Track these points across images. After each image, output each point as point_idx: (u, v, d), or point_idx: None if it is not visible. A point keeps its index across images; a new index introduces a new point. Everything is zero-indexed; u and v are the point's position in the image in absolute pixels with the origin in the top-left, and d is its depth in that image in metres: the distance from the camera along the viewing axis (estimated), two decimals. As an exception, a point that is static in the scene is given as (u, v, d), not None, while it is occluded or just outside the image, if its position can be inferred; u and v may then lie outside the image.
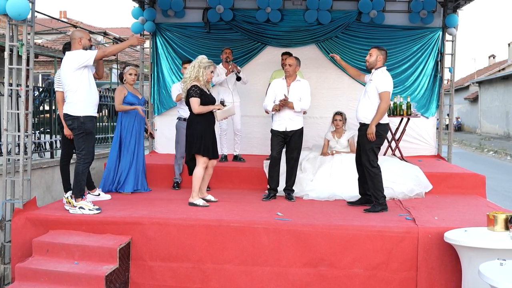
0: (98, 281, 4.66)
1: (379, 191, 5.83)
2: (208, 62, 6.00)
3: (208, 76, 6.00)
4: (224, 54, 8.07)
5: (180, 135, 7.03)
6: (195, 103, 5.90)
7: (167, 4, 9.12)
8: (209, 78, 6.05)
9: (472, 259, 4.37)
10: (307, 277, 5.03)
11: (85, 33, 5.63)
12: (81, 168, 5.49)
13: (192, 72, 5.95)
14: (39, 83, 21.32)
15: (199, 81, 5.93)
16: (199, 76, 5.92)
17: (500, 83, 31.01)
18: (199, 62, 5.98)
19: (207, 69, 5.96)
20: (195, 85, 5.91)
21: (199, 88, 5.91)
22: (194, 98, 5.89)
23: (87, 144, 5.49)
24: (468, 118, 38.46)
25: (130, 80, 6.86)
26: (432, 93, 9.37)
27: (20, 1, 5.31)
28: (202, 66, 5.94)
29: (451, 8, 9.10)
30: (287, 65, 6.51)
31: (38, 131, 7.69)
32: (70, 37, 5.70)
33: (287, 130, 6.38)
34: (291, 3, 9.17)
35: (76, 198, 5.47)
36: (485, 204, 6.31)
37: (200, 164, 5.99)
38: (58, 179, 6.62)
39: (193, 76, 5.94)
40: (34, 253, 5.06)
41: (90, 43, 5.57)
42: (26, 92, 5.67)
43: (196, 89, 5.89)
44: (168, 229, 5.19)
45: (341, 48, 9.26)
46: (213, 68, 6.05)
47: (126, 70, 6.95)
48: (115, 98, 6.88)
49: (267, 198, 6.43)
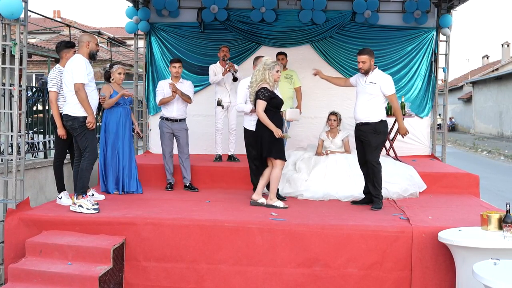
0: (91, 281, 4.64)
1: (380, 187, 6.02)
2: (272, 62, 5.92)
3: (275, 76, 5.88)
4: (222, 52, 8.05)
5: (163, 133, 7.05)
6: (260, 105, 5.80)
7: (161, 4, 9.10)
8: (276, 78, 5.92)
9: (466, 258, 4.38)
10: (301, 277, 5.03)
11: (93, 38, 5.70)
12: (85, 165, 5.51)
13: (257, 75, 5.89)
14: (33, 83, 21.24)
15: (267, 83, 5.86)
16: (266, 79, 5.85)
17: (494, 83, 31.17)
18: (263, 64, 5.89)
19: (273, 69, 5.86)
20: (265, 87, 5.83)
21: (269, 91, 5.82)
22: (260, 100, 5.80)
23: (90, 142, 5.55)
24: (462, 118, 38.62)
25: (119, 80, 6.75)
26: (426, 93, 9.40)
27: (13, 1, 5.27)
28: (267, 68, 5.85)
29: (445, 8, 9.13)
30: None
31: (32, 131, 7.65)
32: (78, 39, 5.78)
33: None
34: (286, 3, 9.17)
35: (77, 196, 5.47)
36: (479, 204, 6.33)
37: (278, 166, 5.91)
38: (52, 180, 6.58)
39: (259, 80, 5.87)
40: (27, 253, 5.03)
41: (97, 48, 5.66)
42: (19, 92, 5.64)
43: (264, 91, 5.81)
44: (162, 230, 5.18)
45: (335, 48, 9.28)
46: (278, 68, 5.91)
47: (114, 69, 6.81)
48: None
49: None
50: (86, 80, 5.43)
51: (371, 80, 6.01)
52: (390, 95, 6.03)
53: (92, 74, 5.60)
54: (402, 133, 6.18)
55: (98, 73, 22.19)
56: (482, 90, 33.36)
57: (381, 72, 6.12)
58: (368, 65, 5.97)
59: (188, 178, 7.09)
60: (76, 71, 5.43)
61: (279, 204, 5.92)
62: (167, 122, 7.04)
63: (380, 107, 6.06)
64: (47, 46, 18.53)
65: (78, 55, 5.56)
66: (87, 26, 26.53)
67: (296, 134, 8.88)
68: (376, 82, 5.98)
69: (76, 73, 5.43)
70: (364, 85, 6.06)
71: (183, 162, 7.07)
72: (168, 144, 7.08)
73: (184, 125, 7.13)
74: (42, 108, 8.08)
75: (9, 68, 5.61)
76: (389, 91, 6.01)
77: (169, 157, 7.08)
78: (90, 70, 5.57)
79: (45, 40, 22.66)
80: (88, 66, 5.53)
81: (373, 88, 5.99)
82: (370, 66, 5.99)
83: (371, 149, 6.01)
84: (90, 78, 5.54)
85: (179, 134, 7.05)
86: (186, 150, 7.07)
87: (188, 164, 7.09)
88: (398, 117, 6.25)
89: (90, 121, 5.47)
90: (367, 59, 5.95)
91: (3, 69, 5.60)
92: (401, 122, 6.22)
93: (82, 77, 5.41)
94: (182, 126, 7.10)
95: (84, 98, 5.42)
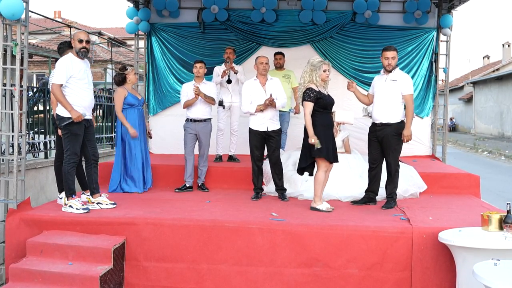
0: (92, 281, 4.65)
1: (396, 187, 6.08)
2: (319, 62, 5.85)
3: (322, 76, 5.81)
4: (225, 54, 8.02)
5: (186, 135, 7.03)
6: (306, 107, 5.76)
7: (161, 4, 9.11)
8: (324, 77, 5.84)
9: (466, 259, 4.38)
10: (301, 278, 5.03)
11: (76, 35, 5.54)
12: (67, 168, 5.53)
13: (305, 77, 5.85)
14: (33, 83, 21.25)
15: (314, 84, 5.81)
16: (313, 79, 5.80)
17: (495, 83, 31.15)
18: (310, 65, 5.85)
19: (319, 69, 5.80)
20: (311, 88, 5.78)
21: (315, 91, 5.77)
22: (306, 101, 5.76)
23: (72, 145, 5.50)
24: (462, 119, 38.59)
25: (135, 80, 6.80)
26: (426, 93, 9.40)
27: (14, 1, 5.29)
28: (314, 68, 5.81)
29: (445, 8, 9.13)
30: (264, 63, 6.52)
31: (32, 131, 7.67)
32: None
33: (268, 130, 6.41)
34: (286, 4, 9.17)
35: (67, 197, 5.52)
36: (479, 204, 6.33)
37: (322, 168, 5.82)
38: (52, 180, 6.60)
39: (306, 81, 5.83)
40: (28, 253, 5.04)
41: (80, 45, 5.46)
42: (20, 92, 5.65)
43: (309, 92, 5.75)
44: (162, 230, 5.18)
45: (336, 49, 9.29)
46: (325, 67, 5.85)
47: (130, 70, 6.84)
48: (116, 101, 6.79)
49: (256, 198, 6.47)
50: (62, 81, 5.38)
51: (392, 78, 5.95)
52: (408, 95, 5.93)
53: (82, 73, 5.49)
54: (406, 135, 5.94)
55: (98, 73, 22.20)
56: (483, 90, 33.33)
57: (402, 72, 6.12)
58: (396, 61, 5.94)
59: (202, 178, 7.11)
60: (56, 71, 5.46)
61: (323, 207, 5.81)
62: (191, 124, 7.01)
63: (400, 107, 6.00)
64: (48, 46, 18.53)
65: (67, 55, 5.54)
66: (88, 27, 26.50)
67: (297, 134, 8.85)
68: (397, 80, 5.94)
69: (55, 73, 5.46)
70: (384, 83, 6.00)
71: (202, 163, 7.07)
72: (191, 146, 7.03)
73: (208, 126, 7.09)
74: (43, 108, 8.10)
75: (10, 68, 5.62)
76: (408, 90, 5.94)
77: (190, 158, 7.04)
78: (80, 68, 5.48)
79: (45, 40, 22.66)
80: (74, 65, 5.44)
81: (393, 87, 5.92)
82: (396, 63, 5.95)
83: (392, 151, 5.97)
84: (80, 76, 5.47)
85: (202, 136, 7.01)
86: (206, 152, 7.06)
87: (206, 166, 7.12)
88: (409, 119, 5.98)
89: (74, 116, 5.38)
90: (395, 54, 5.94)
91: (4, 69, 5.61)
92: (409, 125, 5.97)
93: (58, 78, 5.39)
94: (207, 126, 7.06)
95: (59, 97, 5.38)
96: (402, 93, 5.93)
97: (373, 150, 6.15)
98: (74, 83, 5.45)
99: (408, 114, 5.99)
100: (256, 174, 6.53)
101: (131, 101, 6.74)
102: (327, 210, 5.79)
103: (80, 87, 5.50)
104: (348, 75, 9.04)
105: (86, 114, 5.54)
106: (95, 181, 5.87)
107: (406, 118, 6.00)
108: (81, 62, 5.53)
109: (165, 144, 9.12)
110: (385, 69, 6.00)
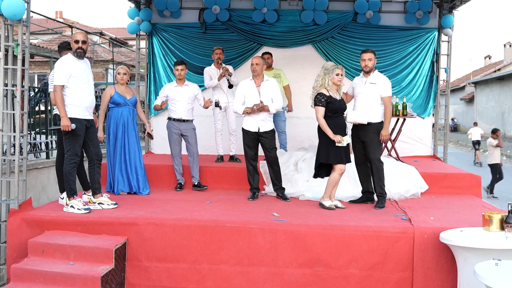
0: (93, 281, 4.65)
1: (383, 185, 6.12)
2: (332, 66, 5.91)
3: (334, 80, 5.86)
4: (215, 54, 8.00)
5: (171, 135, 7.06)
6: (318, 112, 5.87)
7: (163, 4, 9.11)
8: (336, 81, 5.88)
9: (468, 259, 4.38)
10: (303, 278, 5.03)
11: (73, 36, 5.57)
12: (67, 168, 5.54)
13: (318, 81, 5.92)
14: (35, 83, 21.28)
15: (325, 88, 5.87)
16: (325, 84, 5.86)
17: (496, 83, 31.12)
18: (324, 69, 5.91)
19: (332, 73, 5.85)
20: (321, 93, 5.85)
21: (325, 96, 5.83)
22: (317, 106, 5.86)
23: (72, 146, 5.50)
24: (464, 119, 38.58)
25: (119, 79, 6.70)
26: (428, 93, 9.39)
27: (16, 1, 5.30)
28: (327, 72, 5.86)
29: (446, 8, 9.12)
30: (254, 64, 6.48)
31: (34, 131, 7.67)
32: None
33: (260, 131, 6.42)
34: (287, 4, 9.16)
35: (68, 197, 5.53)
36: (480, 205, 6.33)
37: (337, 171, 5.92)
38: (54, 180, 6.60)
39: (318, 85, 5.90)
40: (30, 253, 5.05)
41: (77, 45, 5.45)
42: (22, 93, 5.67)
43: (320, 97, 5.84)
44: (164, 230, 5.19)
45: (337, 49, 9.28)
46: (338, 71, 5.88)
47: (116, 69, 6.85)
48: (102, 99, 6.76)
49: (253, 198, 6.47)
50: (63, 82, 5.38)
51: (371, 80, 6.13)
52: (387, 97, 6.15)
53: (81, 73, 5.49)
54: (384, 135, 6.11)
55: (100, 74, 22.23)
56: (484, 91, 33.31)
57: (381, 74, 6.29)
58: (373, 63, 6.08)
59: (196, 177, 7.10)
60: (56, 73, 5.46)
61: (327, 203, 5.95)
62: (174, 123, 7.05)
63: (380, 108, 6.19)
64: (49, 46, 18.55)
65: (66, 55, 5.54)
66: (89, 27, 26.53)
67: (297, 134, 8.90)
68: (376, 82, 6.11)
69: (55, 75, 5.46)
70: (364, 86, 6.16)
71: (192, 161, 7.08)
72: (177, 145, 7.08)
73: (191, 125, 7.14)
74: (44, 109, 8.10)
75: (11, 68, 5.63)
76: (387, 92, 6.15)
77: (178, 158, 7.09)
78: (79, 68, 5.48)
79: (47, 40, 22.70)
80: (72, 65, 5.44)
81: (373, 89, 6.11)
82: (373, 64, 6.10)
83: (373, 147, 6.12)
84: (79, 76, 5.47)
85: (187, 133, 7.06)
86: (194, 150, 7.07)
87: (196, 163, 7.11)
88: (387, 120, 6.17)
89: (62, 124, 5.36)
90: (372, 57, 6.08)
91: (6, 69, 5.62)
92: (387, 126, 6.17)
93: (59, 79, 5.39)
94: (190, 126, 7.11)
95: (58, 100, 5.38)
96: (381, 95, 6.11)
97: (357, 151, 6.30)
98: (73, 83, 5.45)
99: (386, 115, 6.19)
100: (252, 173, 6.54)
101: (116, 100, 6.64)
102: (329, 207, 5.91)
103: (79, 87, 5.49)
104: (349, 75, 9.02)
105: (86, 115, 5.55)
106: (97, 181, 5.88)
107: (385, 119, 6.18)
108: (80, 62, 5.53)
109: (166, 144, 9.05)
110: (363, 71, 6.17)
